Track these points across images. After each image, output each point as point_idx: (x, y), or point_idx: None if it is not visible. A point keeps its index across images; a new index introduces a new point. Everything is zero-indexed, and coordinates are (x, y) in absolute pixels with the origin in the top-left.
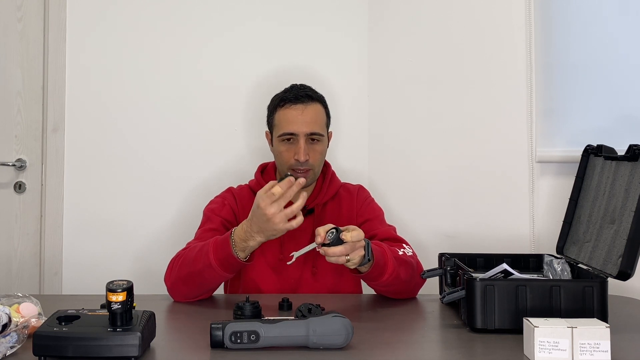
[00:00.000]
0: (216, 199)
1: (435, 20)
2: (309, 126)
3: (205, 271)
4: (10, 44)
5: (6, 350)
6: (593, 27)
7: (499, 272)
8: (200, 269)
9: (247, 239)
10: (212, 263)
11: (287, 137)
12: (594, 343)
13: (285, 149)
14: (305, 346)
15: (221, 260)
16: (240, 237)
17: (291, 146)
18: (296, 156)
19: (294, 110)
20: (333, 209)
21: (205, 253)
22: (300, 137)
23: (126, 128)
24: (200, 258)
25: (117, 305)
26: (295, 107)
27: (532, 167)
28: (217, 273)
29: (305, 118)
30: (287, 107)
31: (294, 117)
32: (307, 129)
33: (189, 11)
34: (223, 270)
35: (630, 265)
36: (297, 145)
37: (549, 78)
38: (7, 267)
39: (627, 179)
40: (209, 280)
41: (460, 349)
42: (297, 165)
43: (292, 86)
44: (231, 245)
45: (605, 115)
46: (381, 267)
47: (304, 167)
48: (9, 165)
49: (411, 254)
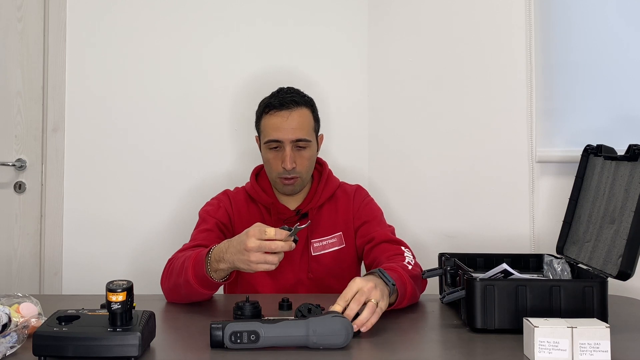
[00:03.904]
0: (212, 200)
1: (435, 21)
2: (294, 133)
3: (186, 286)
4: (10, 44)
5: (6, 350)
6: (593, 27)
7: (499, 272)
8: (181, 282)
9: (220, 260)
10: (191, 280)
11: (273, 144)
12: (594, 343)
13: (272, 156)
14: (305, 346)
15: (199, 278)
16: (215, 256)
17: (277, 153)
18: (283, 164)
19: (279, 117)
20: (329, 211)
21: (186, 268)
22: (286, 144)
23: (126, 128)
24: (182, 272)
25: (117, 305)
26: (279, 113)
27: (532, 167)
28: (196, 290)
29: (291, 124)
30: (272, 114)
31: (278, 123)
32: (293, 136)
33: (189, 12)
34: (202, 288)
35: (630, 265)
36: (283, 153)
37: (549, 78)
38: (7, 267)
39: (627, 179)
40: (193, 295)
41: (460, 349)
42: (284, 173)
43: (278, 90)
44: (206, 264)
45: (605, 115)
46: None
47: (291, 174)
48: (9, 165)
49: (413, 261)
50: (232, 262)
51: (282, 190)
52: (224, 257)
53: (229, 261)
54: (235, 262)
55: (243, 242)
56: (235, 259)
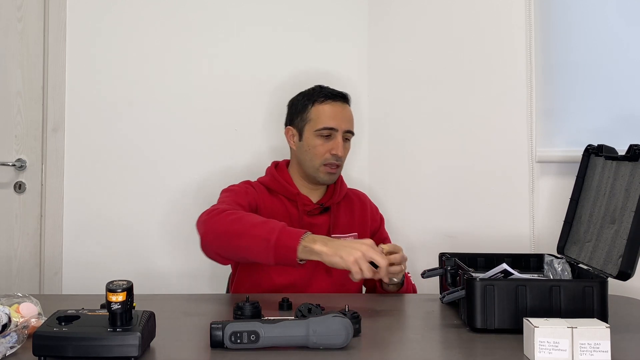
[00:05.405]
0: (237, 187)
1: (435, 21)
2: (347, 123)
3: (254, 239)
4: (10, 44)
5: (6, 350)
6: (593, 27)
7: (499, 272)
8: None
9: (317, 242)
10: (271, 238)
11: (326, 131)
12: (594, 343)
13: (320, 143)
14: (305, 346)
15: (281, 242)
16: (313, 237)
17: (327, 141)
18: (334, 151)
19: (336, 107)
20: (346, 210)
21: (271, 229)
22: (339, 133)
23: (126, 128)
24: (258, 227)
25: (117, 305)
26: (336, 103)
27: (532, 167)
28: (264, 250)
29: (346, 115)
30: (328, 103)
31: (335, 112)
32: (346, 126)
33: (190, 12)
34: (273, 251)
35: (631, 265)
36: (334, 141)
37: (549, 78)
38: (7, 267)
39: (627, 179)
40: (252, 251)
41: (460, 349)
42: (332, 159)
43: (321, 86)
44: (300, 238)
45: (605, 115)
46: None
47: (338, 162)
48: (9, 165)
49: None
50: (334, 249)
51: (322, 178)
52: (326, 242)
53: (331, 246)
54: (339, 249)
55: (360, 240)
56: (340, 246)
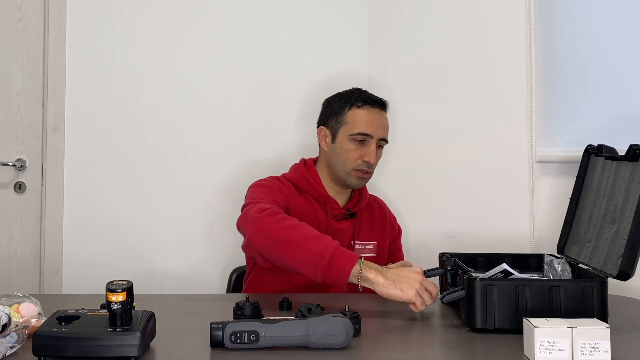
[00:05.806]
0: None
1: (435, 21)
2: (383, 131)
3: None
4: (10, 44)
5: (6, 350)
6: (593, 27)
7: (499, 272)
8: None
9: (373, 269)
10: (325, 256)
11: (361, 137)
12: (594, 343)
13: (353, 147)
14: (305, 346)
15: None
16: (370, 264)
17: (360, 147)
18: (366, 157)
19: (373, 113)
20: (368, 218)
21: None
22: (373, 140)
23: (126, 128)
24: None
25: (117, 305)
26: (374, 110)
27: (532, 167)
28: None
29: (383, 122)
30: (366, 109)
31: (372, 119)
32: (381, 134)
33: (190, 12)
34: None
35: (631, 266)
36: (368, 147)
37: (549, 78)
38: (7, 267)
39: (627, 179)
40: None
41: (460, 349)
42: (363, 166)
43: (360, 90)
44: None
45: (605, 115)
46: None
47: (370, 169)
48: (9, 165)
49: None
50: (392, 281)
51: (352, 182)
52: (382, 272)
53: (389, 278)
54: (397, 281)
55: (412, 269)
56: (399, 277)
